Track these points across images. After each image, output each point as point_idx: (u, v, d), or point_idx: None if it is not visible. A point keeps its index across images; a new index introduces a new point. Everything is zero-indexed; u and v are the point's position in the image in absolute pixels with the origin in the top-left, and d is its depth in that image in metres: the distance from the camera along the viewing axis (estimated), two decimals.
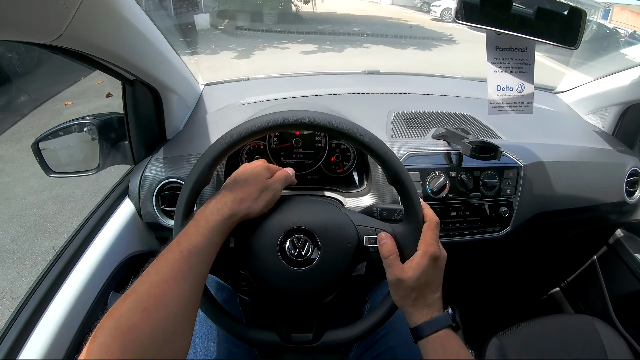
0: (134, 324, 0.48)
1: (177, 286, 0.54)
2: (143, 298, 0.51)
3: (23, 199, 3.22)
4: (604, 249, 1.46)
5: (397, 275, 0.66)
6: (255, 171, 0.72)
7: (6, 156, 3.86)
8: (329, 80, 1.56)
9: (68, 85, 5.41)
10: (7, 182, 3.48)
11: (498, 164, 1.02)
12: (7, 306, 2.28)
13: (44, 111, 4.73)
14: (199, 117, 1.19)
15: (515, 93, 0.92)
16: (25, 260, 2.61)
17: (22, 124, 4.46)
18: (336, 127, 0.66)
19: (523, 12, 0.83)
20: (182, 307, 0.54)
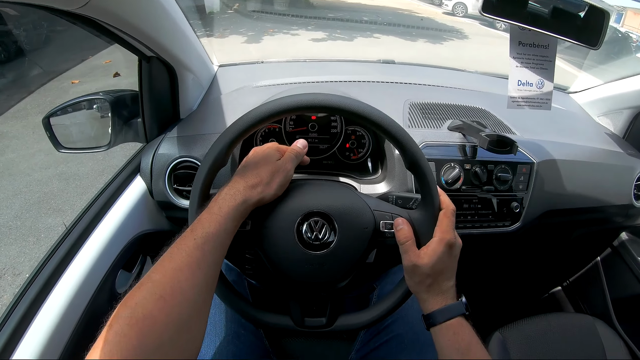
0: (149, 312, 0.48)
1: (192, 274, 0.54)
2: (158, 286, 0.51)
3: (27, 176, 3.22)
4: (608, 251, 1.46)
5: (413, 261, 0.66)
6: (265, 154, 0.71)
7: (11, 132, 3.86)
8: (343, 67, 1.55)
9: (75, 63, 5.38)
10: (12, 158, 3.48)
11: (512, 159, 1.02)
12: (8, 282, 2.29)
13: (51, 89, 4.71)
14: (212, 97, 1.18)
15: (534, 89, 0.92)
16: (28, 237, 2.61)
17: (29, 101, 4.44)
18: (355, 110, 0.65)
19: (538, 11, 0.82)
20: (196, 295, 0.54)
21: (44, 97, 4.48)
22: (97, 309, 0.82)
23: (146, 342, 0.46)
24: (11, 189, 3.09)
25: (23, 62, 5.40)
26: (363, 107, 0.65)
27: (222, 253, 0.61)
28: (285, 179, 0.70)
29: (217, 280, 0.61)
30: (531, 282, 1.73)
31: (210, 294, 0.58)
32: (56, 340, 0.72)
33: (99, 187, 0.99)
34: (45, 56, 5.62)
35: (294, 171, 0.73)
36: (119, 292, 0.92)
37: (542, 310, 1.62)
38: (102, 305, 0.84)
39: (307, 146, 0.77)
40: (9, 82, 5.05)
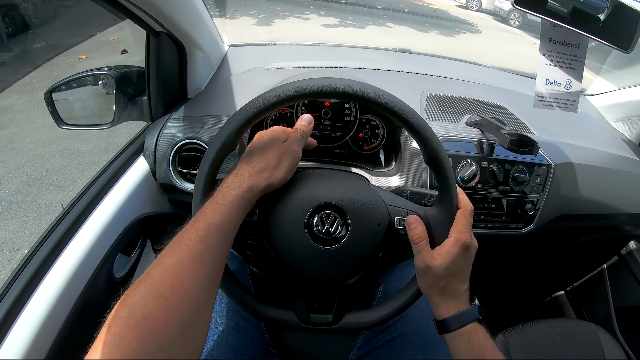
0: (150, 311, 0.45)
1: (194, 269, 0.50)
2: (158, 283, 0.47)
3: (30, 151, 3.21)
4: (615, 259, 1.44)
5: (427, 262, 0.63)
6: (271, 138, 0.68)
7: (16, 106, 3.84)
8: (358, 54, 1.51)
9: (83, 39, 5.35)
10: (15, 132, 3.47)
11: (530, 160, 0.99)
12: (6, 257, 2.28)
13: (57, 64, 4.68)
14: (222, 77, 1.15)
15: (562, 89, 0.89)
16: (29, 212, 2.60)
17: (34, 75, 4.42)
18: (377, 98, 0.61)
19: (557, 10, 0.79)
20: (199, 292, 0.50)
21: (50, 71, 4.45)
22: (93, 292, 0.80)
23: (147, 343, 0.43)
24: (13, 164, 3.07)
25: (30, 36, 5.37)
26: (386, 96, 0.62)
27: (227, 245, 0.57)
28: (294, 161, 0.67)
29: (221, 275, 0.57)
30: (535, 285, 1.71)
31: (214, 290, 0.55)
32: (51, 322, 0.70)
33: (101, 165, 0.96)
34: (52, 31, 5.59)
35: (301, 153, 0.70)
36: (117, 277, 0.90)
37: (545, 314, 1.60)
38: (99, 289, 0.82)
39: (312, 122, 0.73)
40: (16, 55, 5.04)
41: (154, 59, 0.93)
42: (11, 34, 5.17)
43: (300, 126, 0.71)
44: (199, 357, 0.51)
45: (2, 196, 2.73)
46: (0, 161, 3.11)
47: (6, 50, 5.03)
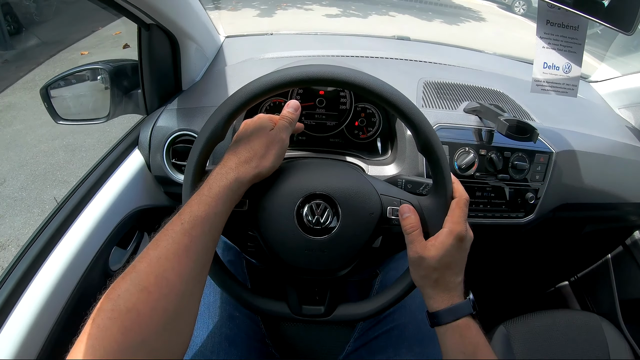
0: (133, 304, 0.44)
1: (178, 262, 0.49)
2: (142, 276, 0.47)
3: (34, 147, 3.23)
4: (619, 249, 1.42)
5: (419, 252, 0.62)
6: (257, 126, 0.66)
7: (19, 104, 3.88)
8: (356, 42, 1.49)
9: (85, 35, 5.36)
10: (19, 129, 3.50)
11: (530, 147, 0.97)
12: (12, 253, 2.30)
13: (60, 60, 4.71)
14: (217, 69, 1.13)
15: (561, 73, 0.86)
16: (33, 208, 2.63)
17: (37, 72, 4.45)
18: (368, 86, 0.60)
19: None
20: (184, 285, 0.49)
21: (53, 68, 4.48)
22: (88, 285, 0.80)
23: (130, 336, 0.43)
24: (17, 160, 3.10)
25: (33, 33, 5.40)
26: (375, 83, 0.60)
27: (214, 238, 0.56)
28: (281, 149, 0.65)
29: (208, 268, 0.56)
30: (538, 275, 1.70)
31: (200, 284, 0.54)
32: (45, 316, 0.70)
33: None
34: (54, 28, 5.62)
35: (289, 140, 0.68)
36: (113, 270, 0.90)
37: (548, 305, 1.59)
38: (94, 282, 0.82)
39: (299, 108, 0.71)
40: (18, 53, 5.07)
41: (146, 51, 0.91)
42: (14, 32, 5.23)
43: (286, 113, 0.70)
44: (184, 351, 0.50)
45: (6, 193, 2.76)
46: (4, 158, 3.14)
47: (9, 48, 5.07)
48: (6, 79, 4.37)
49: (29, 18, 5.57)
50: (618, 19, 0.79)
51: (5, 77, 4.42)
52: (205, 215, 0.54)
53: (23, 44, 5.26)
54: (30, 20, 5.58)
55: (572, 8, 0.77)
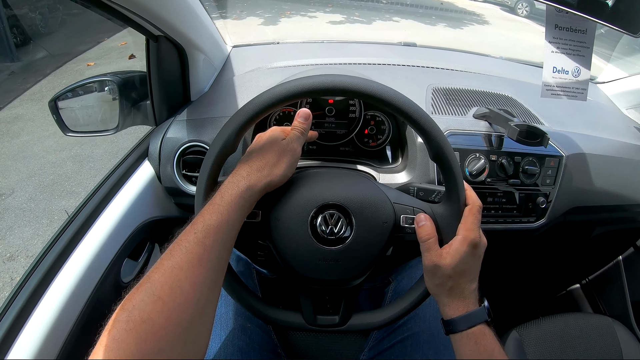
0: (148, 315, 0.44)
1: (193, 271, 0.50)
2: (156, 286, 0.47)
3: (42, 158, 3.25)
4: (630, 251, 1.41)
5: (435, 261, 0.62)
6: (269, 137, 0.67)
7: (27, 115, 3.91)
8: (362, 49, 1.49)
9: (91, 46, 5.41)
10: (26, 140, 3.52)
11: (540, 151, 0.97)
12: (21, 264, 2.31)
13: (66, 71, 4.74)
14: (225, 79, 1.14)
15: (570, 77, 0.86)
16: (42, 219, 2.64)
17: (44, 84, 4.49)
18: (379, 94, 0.60)
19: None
20: (199, 294, 0.49)
21: (59, 79, 4.51)
22: (101, 298, 0.80)
23: (145, 347, 0.43)
24: (26, 171, 3.12)
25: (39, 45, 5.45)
26: (386, 91, 0.60)
27: (227, 247, 0.56)
28: (293, 158, 0.66)
29: (223, 277, 0.56)
30: (549, 279, 1.69)
31: (215, 293, 0.54)
32: (59, 329, 0.70)
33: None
34: (60, 39, 5.67)
35: (301, 150, 0.69)
36: (124, 282, 0.90)
37: (560, 309, 1.58)
38: (107, 295, 0.82)
39: (310, 117, 0.72)
40: (25, 65, 5.11)
41: (154, 63, 0.92)
42: (20, 44, 5.26)
43: (297, 124, 0.70)
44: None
45: (15, 204, 2.77)
46: (13, 169, 3.16)
47: (15, 60, 5.11)
48: (13, 90, 4.40)
49: (34, 30, 5.62)
50: (625, 21, 0.79)
51: (12, 89, 4.46)
52: (219, 224, 0.54)
53: (29, 55, 5.31)
54: (36, 32, 5.63)
55: (580, 12, 0.77)
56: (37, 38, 5.54)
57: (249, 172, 0.61)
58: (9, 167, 3.19)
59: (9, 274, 2.25)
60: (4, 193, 2.88)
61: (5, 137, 3.62)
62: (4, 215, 2.67)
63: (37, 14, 5.63)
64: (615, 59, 1.74)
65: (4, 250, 2.39)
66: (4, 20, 5.03)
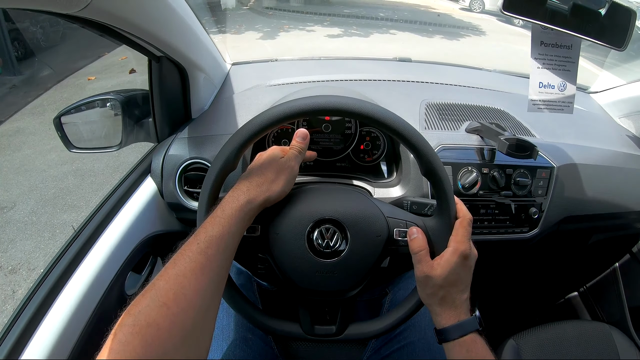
0: (153, 319, 0.47)
1: (195, 279, 0.52)
2: (161, 293, 0.49)
3: (43, 172, 3.27)
4: (627, 257, 1.42)
5: (426, 272, 0.64)
6: (268, 156, 0.70)
7: (28, 129, 3.93)
8: (358, 66, 1.52)
9: (91, 60, 5.46)
10: (28, 154, 3.54)
11: (531, 163, 0.99)
12: (23, 277, 2.33)
13: (67, 85, 4.78)
14: (225, 96, 1.17)
15: (556, 92, 0.89)
16: (44, 232, 2.65)
17: (45, 98, 4.52)
18: (370, 114, 0.63)
19: (558, 8, 0.80)
20: (201, 301, 0.52)
21: (61, 93, 4.55)
22: (105, 311, 0.82)
23: (150, 350, 0.45)
24: (27, 185, 3.14)
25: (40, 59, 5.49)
26: (377, 111, 0.63)
27: (228, 257, 0.59)
28: (291, 175, 0.69)
29: (224, 285, 0.59)
30: (546, 287, 1.69)
31: (216, 300, 0.57)
32: (64, 342, 0.72)
33: (113, 184, 0.99)
34: (61, 53, 5.71)
35: (299, 167, 0.72)
36: (128, 294, 0.91)
37: (558, 317, 1.58)
38: (111, 307, 0.84)
39: (307, 137, 0.75)
40: (27, 78, 5.15)
41: (156, 82, 0.95)
42: (21, 58, 5.29)
43: (295, 143, 0.74)
44: None
45: (17, 217, 2.79)
46: (14, 183, 3.18)
47: (17, 73, 5.13)
48: (15, 104, 4.44)
49: (36, 44, 5.66)
50: (610, 36, 0.82)
51: (14, 102, 4.49)
52: (220, 235, 0.57)
53: (31, 69, 5.35)
54: (38, 46, 5.67)
55: (565, 29, 0.80)
56: (39, 52, 5.58)
57: (249, 187, 0.64)
58: (11, 180, 3.21)
59: (10, 286, 2.26)
60: (6, 206, 2.89)
61: (7, 150, 3.64)
62: (5, 229, 2.69)
63: (39, 28, 5.67)
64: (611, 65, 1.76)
65: (6, 263, 2.41)
66: (6, 33, 5.07)
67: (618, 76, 1.55)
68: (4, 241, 2.59)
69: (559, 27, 0.80)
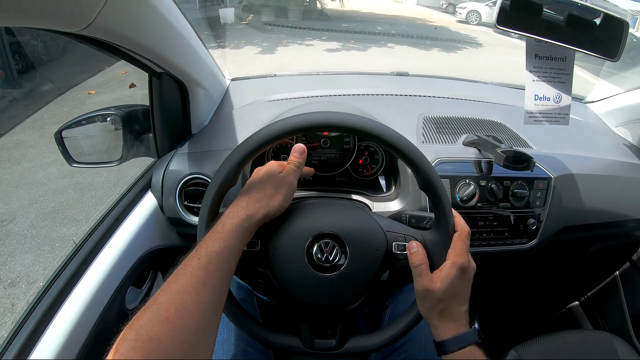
0: (155, 333, 0.47)
1: (197, 294, 0.53)
2: (163, 307, 0.50)
3: (43, 185, 3.28)
4: (627, 265, 1.41)
5: (426, 285, 0.65)
6: (267, 171, 0.71)
7: (28, 142, 3.95)
8: (356, 80, 1.54)
9: (92, 74, 5.50)
10: (28, 167, 3.55)
11: (529, 175, 1.00)
12: (22, 290, 2.32)
13: (67, 99, 4.81)
14: (225, 112, 1.18)
15: (552, 103, 0.90)
16: (43, 245, 2.65)
17: (45, 111, 4.55)
18: (368, 130, 0.64)
19: (553, 18, 0.81)
20: (202, 315, 0.53)
21: (61, 107, 4.57)
22: (106, 325, 0.82)
23: None
24: (27, 198, 3.14)
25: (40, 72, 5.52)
26: (374, 126, 0.64)
27: (229, 271, 0.60)
28: (289, 190, 0.70)
29: (224, 300, 0.60)
30: (547, 297, 1.69)
31: (217, 314, 0.57)
32: (65, 355, 0.72)
33: (113, 198, 0.99)
34: (62, 66, 5.75)
35: (297, 182, 0.73)
36: (129, 309, 0.92)
37: (560, 327, 1.57)
38: (112, 321, 0.84)
39: (305, 151, 0.76)
40: (27, 92, 5.17)
41: (157, 98, 0.96)
42: (22, 71, 5.32)
43: (294, 158, 0.75)
44: None
45: (17, 230, 2.79)
46: (14, 196, 3.19)
47: (18, 86, 5.16)
48: (15, 117, 4.47)
49: (37, 57, 5.71)
50: (604, 47, 0.83)
51: (15, 115, 4.52)
52: (220, 250, 0.58)
53: (31, 82, 5.38)
54: (38, 59, 5.71)
55: (559, 41, 0.81)
56: (39, 65, 5.62)
57: (248, 202, 0.65)
58: (11, 193, 3.22)
59: (10, 300, 2.26)
60: (6, 219, 2.90)
61: (7, 163, 3.66)
62: (5, 241, 2.69)
63: (39, 42, 5.71)
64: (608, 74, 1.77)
65: (5, 276, 2.40)
66: (7, 46, 5.11)
67: (615, 84, 1.56)
68: (3, 254, 2.59)
69: (552, 39, 0.81)
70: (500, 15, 0.79)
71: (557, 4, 0.80)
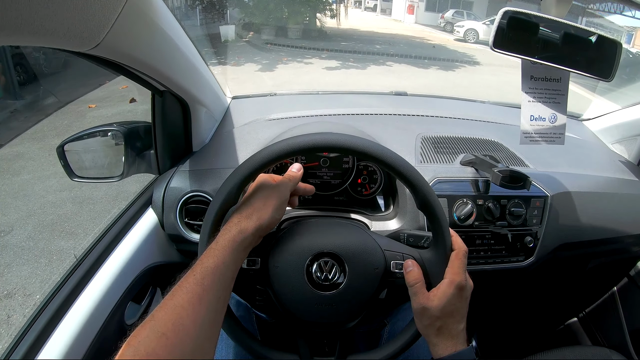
0: (152, 350, 0.48)
1: (193, 310, 0.54)
2: (160, 323, 0.51)
3: (42, 197, 3.28)
4: (625, 281, 1.42)
5: (423, 303, 0.65)
6: (258, 185, 0.72)
7: (28, 154, 3.95)
8: (355, 100, 1.55)
9: (92, 88, 5.53)
10: (27, 179, 3.56)
11: (525, 193, 1.01)
12: (18, 302, 2.31)
13: (68, 112, 4.83)
14: (226, 130, 1.19)
15: (547, 124, 0.91)
16: (40, 258, 2.64)
17: (46, 123, 4.56)
18: (366, 151, 0.66)
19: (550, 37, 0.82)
20: (199, 330, 0.53)
21: (61, 120, 4.59)
22: (105, 340, 0.82)
23: None
24: (25, 210, 3.14)
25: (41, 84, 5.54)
26: (373, 147, 0.66)
27: (225, 287, 0.60)
28: (280, 201, 0.70)
29: (222, 316, 0.60)
30: (546, 314, 1.68)
31: (215, 330, 0.58)
32: None
33: (112, 212, 1.00)
34: (63, 80, 5.78)
35: (289, 195, 0.74)
36: (128, 324, 0.92)
37: (558, 343, 1.57)
38: (111, 336, 0.84)
39: (301, 169, 0.78)
40: (28, 104, 5.19)
41: (159, 115, 0.97)
42: (23, 83, 5.34)
43: (289, 172, 0.77)
44: None
45: (14, 242, 2.78)
46: (12, 207, 3.19)
47: (18, 98, 5.18)
48: (15, 128, 4.49)
49: (38, 69, 5.74)
50: (598, 68, 0.84)
51: (15, 127, 4.54)
52: (215, 266, 0.59)
53: (32, 94, 5.40)
54: (40, 72, 5.75)
55: (554, 62, 0.83)
56: (41, 77, 5.65)
57: (239, 219, 0.66)
58: (9, 205, 3.22)
59: (5, 311, 2.25)
60: (3, 230, 2.90)
61: (6, 174, 3.66)
62: (2, 253, 2.69)
63: (41, 54, 5.75)
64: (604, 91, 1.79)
65: (2, 288, 2.40)
66: (9, 57, 5.14)
67: (611, 101, 1.57)
68: (0, 265, 2.58)
69: (548, 59, 0.82)
70: (497, 37, 0.80)
71: (554, 23, 0.82)
